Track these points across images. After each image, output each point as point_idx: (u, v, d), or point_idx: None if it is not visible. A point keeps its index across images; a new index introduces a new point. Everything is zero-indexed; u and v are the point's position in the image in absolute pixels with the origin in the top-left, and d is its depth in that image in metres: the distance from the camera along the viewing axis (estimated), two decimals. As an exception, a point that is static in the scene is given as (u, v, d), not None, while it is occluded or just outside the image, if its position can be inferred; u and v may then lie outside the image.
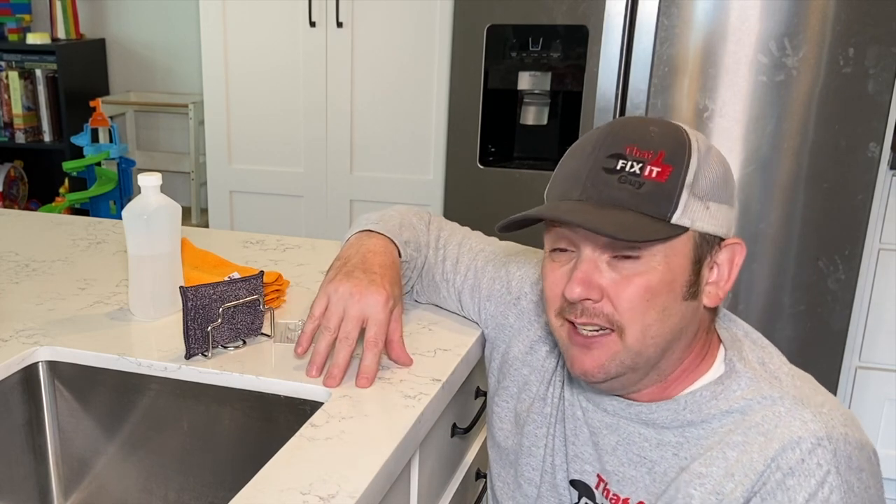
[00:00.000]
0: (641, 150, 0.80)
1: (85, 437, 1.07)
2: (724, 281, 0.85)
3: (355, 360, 0.98)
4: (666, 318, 0.82)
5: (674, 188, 0.79)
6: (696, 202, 0.80)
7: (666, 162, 0.79)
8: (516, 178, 2.27)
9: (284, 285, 1.21)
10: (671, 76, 2.08)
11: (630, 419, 0.89)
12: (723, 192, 0.83)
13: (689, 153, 0.80)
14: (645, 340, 0.83)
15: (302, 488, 0.76)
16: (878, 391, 2.26)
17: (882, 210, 2.13)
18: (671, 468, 0.85)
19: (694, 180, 0.80)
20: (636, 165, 0.80)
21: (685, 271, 0.82)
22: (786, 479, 0.77)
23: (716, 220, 0.82)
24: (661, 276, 0.81)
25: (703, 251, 0.83)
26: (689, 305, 0.83)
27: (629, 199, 0.79)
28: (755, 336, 0.91)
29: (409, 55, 2.49)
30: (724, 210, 0.83)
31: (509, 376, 1.04)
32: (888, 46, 1.93)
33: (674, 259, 0.81)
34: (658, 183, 0.79)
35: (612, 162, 0.81)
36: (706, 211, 0.81)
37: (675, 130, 0.83)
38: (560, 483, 0.97)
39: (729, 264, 0.85)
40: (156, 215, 1.10)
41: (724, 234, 0.83)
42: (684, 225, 0.80)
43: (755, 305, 2.15)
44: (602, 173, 0.81)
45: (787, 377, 0.85)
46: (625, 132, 0.82)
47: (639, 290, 0.81)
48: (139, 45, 3.42)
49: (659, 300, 0.81)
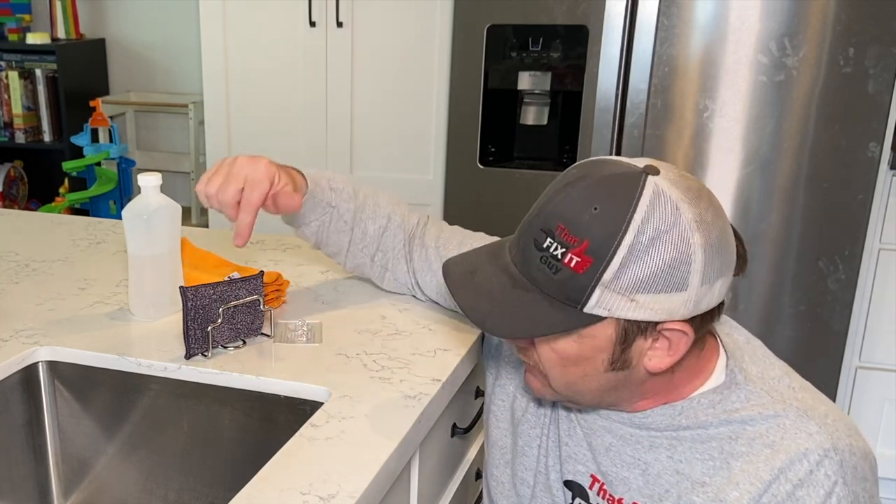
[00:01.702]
0: (569, 235, 0.76)
1: (85, 437, 1.07)
2: (670, 352, 0.81)
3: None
4: (588, 380, 0.84)
5: (588, 282, 0.76)
6: (614, 296, 0.76)
7: (587, 254, 0.75)
8: (516, 178, 2.27)
9: (284, 285, 1.21)
10: (671, 76, 2.08)
11: (623, 423, 0.89)
12: (664, 283, 0.76)
13: (616, 248, 0.75)
14: (569, 391, 0.86)
15: (302, 488, 0.76)
16: (878, 391, 2.26)
17: (882, 210, 2.12)
18: (665, 470, 0.85)
19: (613, 277, 0.75)
20: (559, 249, 0.77)
21: (605, 350, 0.81)
22: (795, 491, 0.78)
23: (647, 310, 0.77)
24: (577, 352, 0.81)
25: (633, 333, 0.79)
26: (618, 374, 0.83)
27: (544, 282, 0.78)
28: (756, 344, 0.90)
29: (409, 55, 2.49)
30: (661, 298, 0.76)
31: (506, 375, 1.04)
32: (888, 46, 1.93)
33: (591, 341, 0.80)
34: (574, 273, 0.76)
35: (541, 237, 0.79)
36: (630, 303, 0.76)
37: (619, 214, 0.75)
38: (554, 483, 0.97)
39: (675, 342, 0.80)
40: (156, 215, 1.10)
41: (663, 318, 0.77)
42: (599, 314, 0.78)
43: (755, 305, 2.15)
44: (532, 247, 0.80)
45: (788, 389, 0.84)
46: (567, 205, 0.78)
47: (555, 356, 0.83)
48: (139, 45, 3.42)
49: (576, 368, 0.83)
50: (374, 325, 1.13)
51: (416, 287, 1.19)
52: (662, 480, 0.85)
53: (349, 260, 1.17)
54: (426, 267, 1.15)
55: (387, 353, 1.04)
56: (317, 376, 0.98)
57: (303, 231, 1.13)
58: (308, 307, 1.19)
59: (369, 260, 1.17)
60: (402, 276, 1.18)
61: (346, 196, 1.12)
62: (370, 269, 1.18)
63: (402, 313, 1.17)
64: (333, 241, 1.14)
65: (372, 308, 1.19)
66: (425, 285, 1.17)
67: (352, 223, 1.13)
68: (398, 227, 1.15)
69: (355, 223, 1.13)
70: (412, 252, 1.16)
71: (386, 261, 1.17)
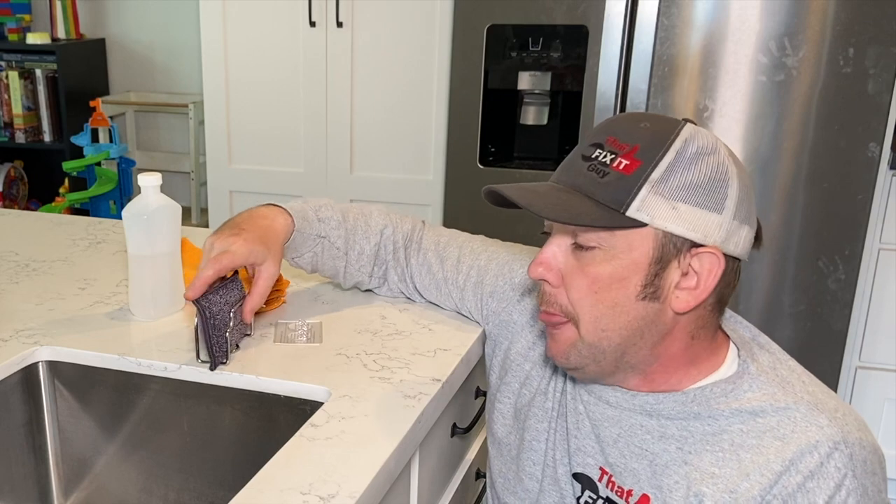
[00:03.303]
0: (619, 143, 0.81)
1: (85, 437, 1.07)
2: (698, 289, 0.82)
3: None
4: (618, 313, 0.83)
5: (635, 182, 0.79)
6: (658, 200, 0.79)
7: (637, 156, 0.80)
8: (516, 178, 2.27)
9: (284, 285, 1.22)
10: (671, 76, 2.08)
11: (633, 410, 0.89)
12: (704, 197, 0.79)
13: (664, 151, 0.80)
14: (597, 332, 0.84)
15: (302, 488, 0.76)
16: (878, 391, 2.26)
17: (882, 210, 2.13)
18: (673, 461, 0.86)
19: (661, 178, 0.79)
20: (608, 156, 0.81)
21: (640, 270, 0.81)
22: (806, 482, 0.78)
23: (686, 223, 0.79)
24: (611, 270, 0.82)
25: (669, 253, 0.81)
26: (647, 306, 0.83)
27: (588, 186, 0.81)
28: (763, 339, 0.91)
29: (409, 55, 2.49)
30: (700, 214, 0.79)
31: (511, 372, 1.05)
32: (888, 46, 1.93)
33: (628, 255, 0.81)
34: (622, 175, 0.80)
35: (590, 150, 0.83)
36: (672, 211, 0.79)
37: (666, 129, 0.81)
38: (562, 477, 0.97)
39: (705, 274, 0.81)
40: (156, 215, 1.10)
41: (698, 238, 0.80)
42: (641, 220, 0.79)
43: (755, 305, 2.15)
44: (579, 160, 0.83)
45: (799, 382, 0.85)
46: (615, 124, 0.84)
47: (588, 280, 0.83)
48: (139, 45, 3.42)
49: (608, 294, 0.82)
50: (374, 325, 1.13)
51: (413, 292, 1.19)
52: (671, 471, 0.85)
53: (347, 280, 1.18)
54: (425, 270, 1.16)
55: (387, 353, 1.05)
56: (317, 376, 0.98)
57: (296, 262, 1.14)
58: (308, 307, 1.19)
59: (367, 277, 1.18)
60: (398, 282, 1.19)
61: (335, 224, 1.12)
62: (368, 283, 1.20)
63: (402, 313, 1.17)
64: (329, 267, 1.15)
65: (372, 308, 1.19)
66: (424, 288, 1.17)
67: (345, 248, 1.14)
68: (390, 238, 1.16)
69: (349, 247, 1.14)
70: (409, 257, 1.17)
71: (383, 272, 1.18)
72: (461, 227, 1.21)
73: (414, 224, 1.19)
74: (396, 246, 1.16)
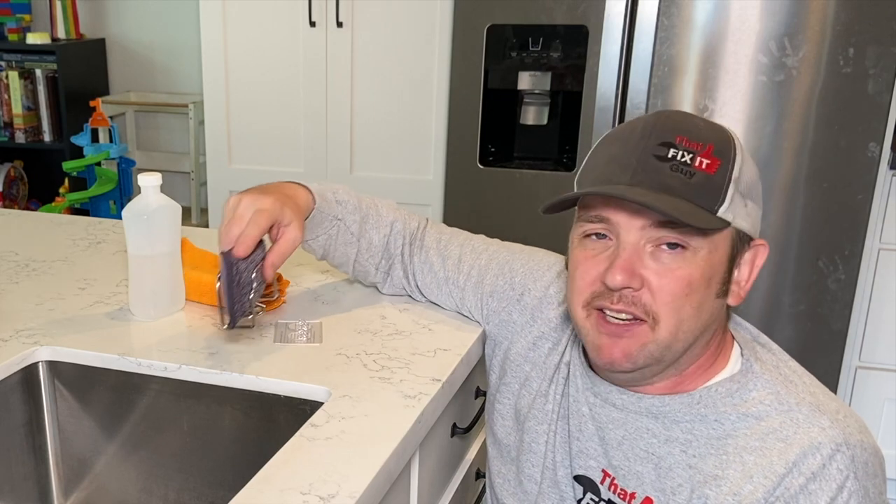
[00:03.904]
0: (691, 142, 0.80)
1: (85, 437, 1.07)
2: (745, 281, 0.86)
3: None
4: (700, 313, 0.83)
5: (722, 181, 0.80)
6: (739, 198, 0.81)
7: (715, 155, 0.80)
8: (516, 178, 2.27)
9: (284, 285, 1.21)
10: (671, 76, 2.08)
11: (639, 413, 0.89)
12: (757, 192, 0.84)
13: (734, 149, 0.82)
14: (677, 335, 0.83)
15: (302, 488, 0.76)
16: (878, 391, 2.26)
17: (882, 210, 2.13)
18: (678, 464, 0.86)
19: (739, 176, 0.81)
20: (687, 155, 0.80)
21: (722, 268, 0.83)
22: (808, 484, 0.78)
23: (751, 219, 0.83)
24: (702, 270, 0.81)
25: (737, 249, 0.84)
26: (719, 303, 0.84)
27: (681, 188, 0.79)
28: (764, 340, 0.91)
29: (409, 55, 2.49)
30: (756, 210, 0.84)
31: (511, 373, 1.04)
32: (888, 46, 1.93)
33: (715, 254, 0.82)
34: (708, 175, 0.80)
35: (663, 150, 0.81)
36: (744, 208, 0.82)
37: (719, 126, 0.84)
38: (562, 479, 0.97)
39: (751, 265, 0.86)
40: (156, 215, 1.10)
41: (754, 233, 0.85)
42: (727, 220, 0.80)
43: (755, 305, 2.15)
44: (653, 160, 0.80)
45: (801, 382, 0.85)
46: (673, 122, 0.83)
47: (681, 283, 0.81)
48: (139, 45, 3.42)
49: (697, 295, 0.82)
50: (374, 325, 1.13)
51: (415, 289, 1.19)
52: (675, 474, 0.85)
53: (356, 269, 1.17)
54: (427, 268, 1.15)
55: (387, 353, 1.05)
56: (317, 376, 0.98)
57: (310, 245, 1.12)
58: (308, 307, 1.19)
59: (374, 269, 1.17)
60: (401, 279, 1.18)
61: (352, 208, 1.12)
62: (374, 276, 1.19)
63: (402, 313, 1.17)
64: (341, 253, 1.14)
65: (372, 308, 1.19)
66: (425, 287, 1.17)
67: (358, 234, 1.13)
68: (399, 233, 1.15)
69: (361, 234, 1.13)
70: (412, 255, 1.16)
71: (388, 267, 1.17)
72: (461, 227, 1.21)
73: (419, 221, 1.19)
74: (404, 241, 1.15)
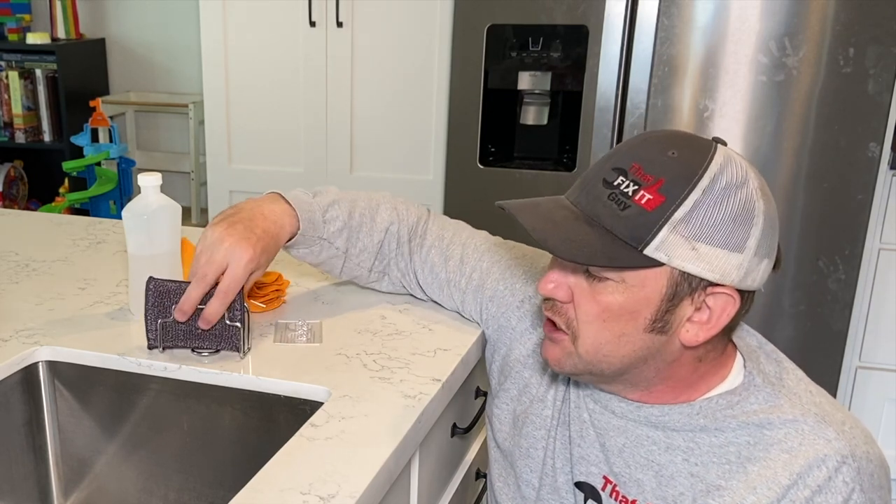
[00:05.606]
0: (645, 173, 0.77)
1: (85, 437, 1.07)
2: (709, 325, 0.81)
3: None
4: (622, 343, 0.82)
5: (656, 220, 0.76)
6: (677, 239, 0.76)
7: (661, 191, 0.76)
8: (516, 178, 2.27)
9: (284, 285, 1.21)
10: (671, 76, 2.08)
11: (639, 422, 0.88)
12: (726, 237, 0.77)
13: (690, 189, 0.76)
14: (598, 356, 0.84)
15: (302, 488, 0.76)
16: (878, 391, 2.26)
17: (882, 210, 2.13)
18: (680, 472, 0.85)
19: (683, 218, 0.76)
20: (632, 186, 0.77)
21: (652, 305, 0.80)
22: (814, 497, 0.78)
23: (704, 263, 0.77)
24: (622, 302, 0.80)
25: (683, 290, 0.79)
26: (654, 338, 0.82)
27: (608, 218, 0.78)
28: (769, 348, 0.90)
29: (409, 55, 2.49)
30: (719, 255, 0.77)
31: (510, 378, 1.04)
32: (888, 46, 1.93)
33: (640, 290, 0.79)
34: (643, 210, 0.76)
35: (613, 175, 0.79)
36: (691, 251, 0.76)
37: (695, 160, 0.77)
38: (562, 486, 0.96)
39: (718, 311, 0.80)
40: (156, 215, 1.10)
41: (715, 279, 0.78)
42: (658, 259, 0.77)
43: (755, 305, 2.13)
44: (599, 184, 0.80)
45: (806, 394, 0.84)
46: (643, 148, 0.80)
47: (598, 308, 0.82)
48: (139, 45, 3.42)
49: (616, 324, 0.82)
50: (374, 325, 1.13)
51: (416, 286, 1.18)
52: (676, 483, 0.85)
53: (343, 275, 1.17)
54: (428, 268, 1.15)
55: (387, 353, 1.05)
56: (317, 376, 0.98)
57: (290, 252, 1.12)
58: (308, 307, 1.19)
59: (366, 272, 1.16)
60: (400, 276, 1.17)
61: (339, 225, 1.10)
62: (367, 278, 1.18)
63: (402, 313, 1.17)
64: (325, 263, 1.14)
65: (372, 308, 1.19)
66: (426, 284, 1.16)
67: (345, 248, 1.12)
68: (395, 235, 1.14)
69: (349, 246, 1.12)
70: (412, 252, 1.15)
71: (384, 266, 1.16)
72: (461, 226, 1.21)
73: (420, 215, 1.17)
74: (401, 241, 1.15)
